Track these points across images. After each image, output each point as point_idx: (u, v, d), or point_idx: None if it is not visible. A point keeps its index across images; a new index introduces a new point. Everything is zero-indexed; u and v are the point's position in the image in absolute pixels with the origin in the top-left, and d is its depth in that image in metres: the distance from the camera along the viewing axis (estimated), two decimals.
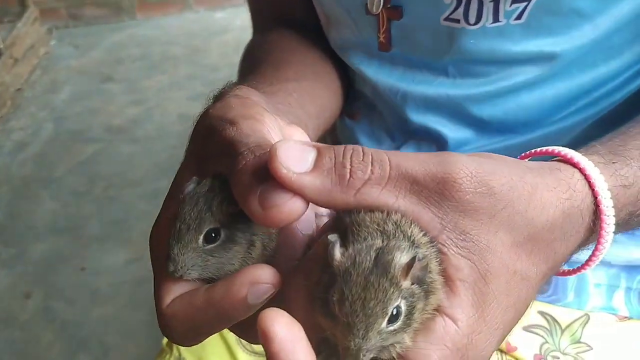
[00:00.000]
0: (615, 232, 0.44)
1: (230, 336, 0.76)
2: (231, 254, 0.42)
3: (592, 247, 0.46)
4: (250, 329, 0.41)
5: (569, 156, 0.44)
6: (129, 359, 1.87)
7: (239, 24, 3.84)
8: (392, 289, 0.35)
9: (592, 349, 0.69)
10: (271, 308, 0.36)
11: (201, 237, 0.41)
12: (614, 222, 0.43)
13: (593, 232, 0.44)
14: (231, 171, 0.40)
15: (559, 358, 0.68)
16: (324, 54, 0.79)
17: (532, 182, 0.40)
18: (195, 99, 3.14)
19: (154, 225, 0.46)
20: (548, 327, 0.70)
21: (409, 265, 0.35)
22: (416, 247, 0.37)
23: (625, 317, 0.71)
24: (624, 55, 0.63)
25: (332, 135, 0.91)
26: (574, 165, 0.44)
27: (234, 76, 0.76)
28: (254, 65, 0.73)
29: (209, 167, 0.44)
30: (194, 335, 0.42)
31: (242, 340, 0.77)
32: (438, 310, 0.37)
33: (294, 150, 0.38)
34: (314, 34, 0.80)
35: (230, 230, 0.42)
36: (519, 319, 0.41)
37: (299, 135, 0.54)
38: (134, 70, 3.52)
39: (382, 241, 0.36)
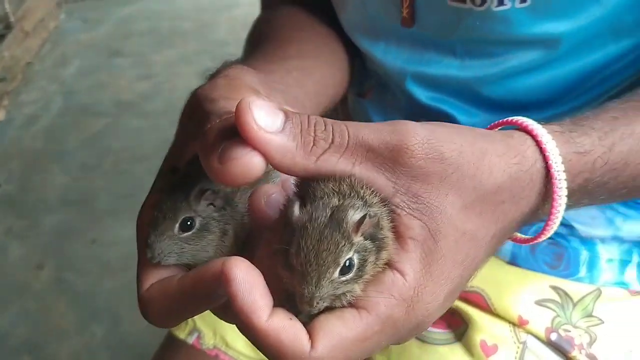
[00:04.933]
0: (572, 201, 0.45)
1: None
2: (205, 242, 0.44)
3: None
4: (228, 311, 0.42)
5: (524, 124, 0.46)
6: (140, 329, 1.90)
7: None
8: (344, 242, 0.38)
9: (603, 322, 0.69)
10: (233, 256, 0.38)
11: (177, 226, 0.43)
12: (566, 186, 0.44)
13: (547, 198, 0.45)
14: (199, 138, 0.41)
15: (570, 331, 0.69)
16: (331, 32, 0.78)
17: (481, 148, 0.42)
18: (204, 75, 3.13)
19: (139, 212, 0.47)
20: (560, 301, 0.70)
21: (360, 221, 0.38)
22: (369, 206, 0.39)
23: (637, 292, 0.71)
24: (636, 33, 0.62)
25: (344, 112, 0.90)
26: (529, 132, 0.45)
27: (242, 52, 0.76)
28: (258, 42, 0.73)
29: (188, 149, 0.45)
30: (169, 318, 0.44)
31: None
32: (388, 264, 0.39)
33: (265, 109, 0.39)
34: (322, 12, 0.79)
35: (205, 219, 0.44)
36: (470, 276, 0.44)
37: None
38: (142, 44, 3.52)
39: (338, 200, 0.39)
